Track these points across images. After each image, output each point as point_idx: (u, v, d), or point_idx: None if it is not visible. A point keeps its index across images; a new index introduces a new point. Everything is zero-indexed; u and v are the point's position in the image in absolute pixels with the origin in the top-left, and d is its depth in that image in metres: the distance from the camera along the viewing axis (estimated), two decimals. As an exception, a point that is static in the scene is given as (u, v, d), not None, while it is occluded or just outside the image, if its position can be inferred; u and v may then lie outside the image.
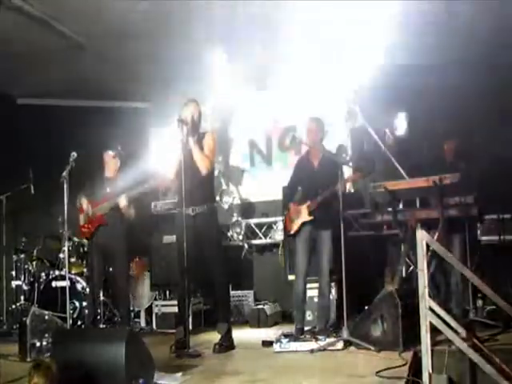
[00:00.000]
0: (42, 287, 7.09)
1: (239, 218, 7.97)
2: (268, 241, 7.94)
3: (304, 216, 5.76)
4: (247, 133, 8.42)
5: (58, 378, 3.19)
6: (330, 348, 4.98)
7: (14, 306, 7.26)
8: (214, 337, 5.51)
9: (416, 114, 7.33)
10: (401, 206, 6.32)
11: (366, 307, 5.21)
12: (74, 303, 6.59)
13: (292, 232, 5.91)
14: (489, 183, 5.95)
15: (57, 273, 7.15)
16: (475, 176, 5.75)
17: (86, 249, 7.16)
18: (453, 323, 3.54)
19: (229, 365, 4.61)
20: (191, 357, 4.96)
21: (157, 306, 7.27)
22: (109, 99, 8.68)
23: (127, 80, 7.90)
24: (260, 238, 8.00)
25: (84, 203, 6.44)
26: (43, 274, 7.29)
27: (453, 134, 6.43)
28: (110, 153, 6.54)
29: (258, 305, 7.29)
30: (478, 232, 6.13)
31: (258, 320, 7.06)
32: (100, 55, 7.27)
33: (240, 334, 6.04)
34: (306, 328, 5.86)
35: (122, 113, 8.61)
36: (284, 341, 5.21)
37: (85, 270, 7.10)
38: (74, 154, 6.01)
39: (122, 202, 6.21)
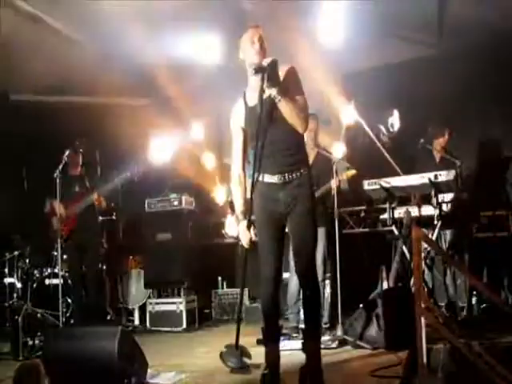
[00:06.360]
0: (35, 285, 7.05)
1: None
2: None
3: (298, 213, 5.70)
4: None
5: (48, 378, 3.14)
6: (324, 347, 4.95)
7: (6, 304, 7.20)
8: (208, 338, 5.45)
9: (410, 110, 7.31)
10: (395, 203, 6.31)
11: (361, 305, 5.18)
12: (67, 301, 6.55)
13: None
14: (482, 180, 5.94)
15: (50, 270, 7.12)
16: (467, 173, 5.75)
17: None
18: (448, 321, 3.52)
19: (221, 363, 4.55)
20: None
21: (151, 304, 7.23)
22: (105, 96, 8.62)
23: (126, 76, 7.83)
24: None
25: (56, 206, 6.30)
26: (36, 272, 7.25)
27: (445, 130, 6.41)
28: (70, 151, 6.35)
29: (252, 302, 7.26)
30: (473, 229, 6.11)
31: (253, 318, 7.02)
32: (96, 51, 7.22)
33: (235, 332, 6.01)
34: (300, 326, 5.83)
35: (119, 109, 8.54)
36: (278, 339, 5.17)
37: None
38: (68, 152, 6.06)
39: (96, 198, 6.31)
